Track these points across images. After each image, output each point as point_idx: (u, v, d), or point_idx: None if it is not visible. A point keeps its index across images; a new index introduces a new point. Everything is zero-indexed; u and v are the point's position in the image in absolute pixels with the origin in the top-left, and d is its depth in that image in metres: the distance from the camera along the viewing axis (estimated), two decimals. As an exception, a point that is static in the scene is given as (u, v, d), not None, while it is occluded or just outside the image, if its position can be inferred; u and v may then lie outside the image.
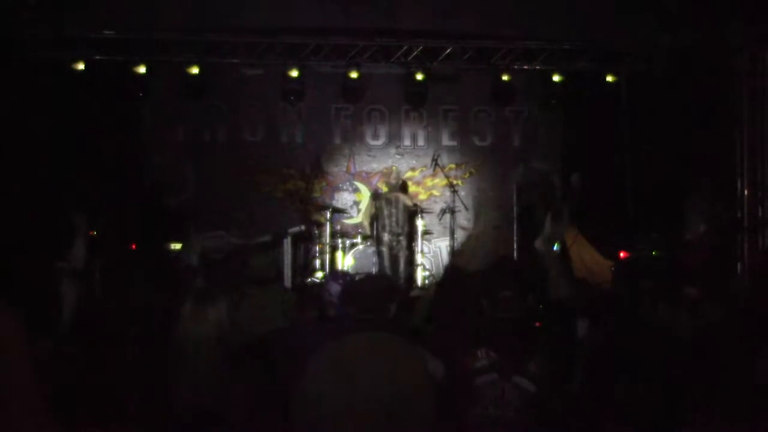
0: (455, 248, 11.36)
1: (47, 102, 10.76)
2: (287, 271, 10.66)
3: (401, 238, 11.20)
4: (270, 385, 4.42)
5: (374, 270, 10.90)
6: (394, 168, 11.96)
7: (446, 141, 12.83)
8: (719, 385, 4.19)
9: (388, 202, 11.21)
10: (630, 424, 4.29)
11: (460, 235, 11.62)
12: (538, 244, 10.92)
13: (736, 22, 9.96)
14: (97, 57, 11.16)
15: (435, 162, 11.94)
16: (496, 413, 4.06)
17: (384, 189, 11.71)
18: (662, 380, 4.30)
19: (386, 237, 11.15)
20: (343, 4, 10.03)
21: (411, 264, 11.37)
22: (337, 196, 12.61)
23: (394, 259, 11.12)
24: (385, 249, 11.11)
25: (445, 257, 12.07)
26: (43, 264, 10.08)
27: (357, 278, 5.18)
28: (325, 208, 11.88)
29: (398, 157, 12.74)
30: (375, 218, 11.34)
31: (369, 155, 12.71)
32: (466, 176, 12.79)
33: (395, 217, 11.16)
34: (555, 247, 10.47)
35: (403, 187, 11.76)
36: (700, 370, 4.35)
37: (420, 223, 11.58)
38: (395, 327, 4.17)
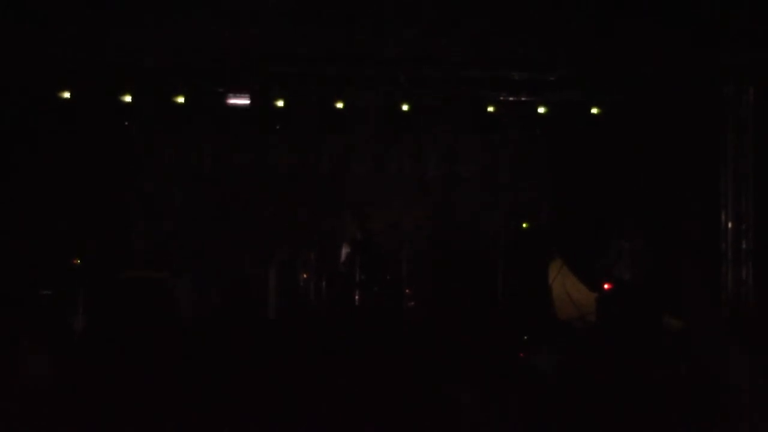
0: None
1: (32, 130, 10.76)
2: (271, 300, 10.63)
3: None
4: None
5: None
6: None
7: (433, 170, 12.82)
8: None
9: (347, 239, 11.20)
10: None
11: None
12: None
13: (722, 53, 10.02)
14: (84, 85, 11.17)
15: (421, 190, 11.95)
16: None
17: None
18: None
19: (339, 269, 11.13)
20: (328, 34, 10.05)
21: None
22: (323, 224, 12.55)
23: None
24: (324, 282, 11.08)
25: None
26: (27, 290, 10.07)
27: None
28: (311, 236, 11.83)
29: (384, 185, 12.70)
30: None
31: (355, 184, 12.67)
32: (454, 205, 12.77)
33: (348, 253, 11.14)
34: None
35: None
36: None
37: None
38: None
